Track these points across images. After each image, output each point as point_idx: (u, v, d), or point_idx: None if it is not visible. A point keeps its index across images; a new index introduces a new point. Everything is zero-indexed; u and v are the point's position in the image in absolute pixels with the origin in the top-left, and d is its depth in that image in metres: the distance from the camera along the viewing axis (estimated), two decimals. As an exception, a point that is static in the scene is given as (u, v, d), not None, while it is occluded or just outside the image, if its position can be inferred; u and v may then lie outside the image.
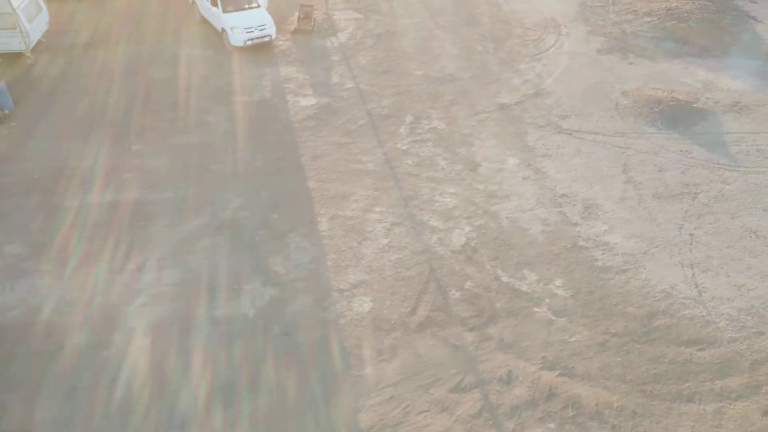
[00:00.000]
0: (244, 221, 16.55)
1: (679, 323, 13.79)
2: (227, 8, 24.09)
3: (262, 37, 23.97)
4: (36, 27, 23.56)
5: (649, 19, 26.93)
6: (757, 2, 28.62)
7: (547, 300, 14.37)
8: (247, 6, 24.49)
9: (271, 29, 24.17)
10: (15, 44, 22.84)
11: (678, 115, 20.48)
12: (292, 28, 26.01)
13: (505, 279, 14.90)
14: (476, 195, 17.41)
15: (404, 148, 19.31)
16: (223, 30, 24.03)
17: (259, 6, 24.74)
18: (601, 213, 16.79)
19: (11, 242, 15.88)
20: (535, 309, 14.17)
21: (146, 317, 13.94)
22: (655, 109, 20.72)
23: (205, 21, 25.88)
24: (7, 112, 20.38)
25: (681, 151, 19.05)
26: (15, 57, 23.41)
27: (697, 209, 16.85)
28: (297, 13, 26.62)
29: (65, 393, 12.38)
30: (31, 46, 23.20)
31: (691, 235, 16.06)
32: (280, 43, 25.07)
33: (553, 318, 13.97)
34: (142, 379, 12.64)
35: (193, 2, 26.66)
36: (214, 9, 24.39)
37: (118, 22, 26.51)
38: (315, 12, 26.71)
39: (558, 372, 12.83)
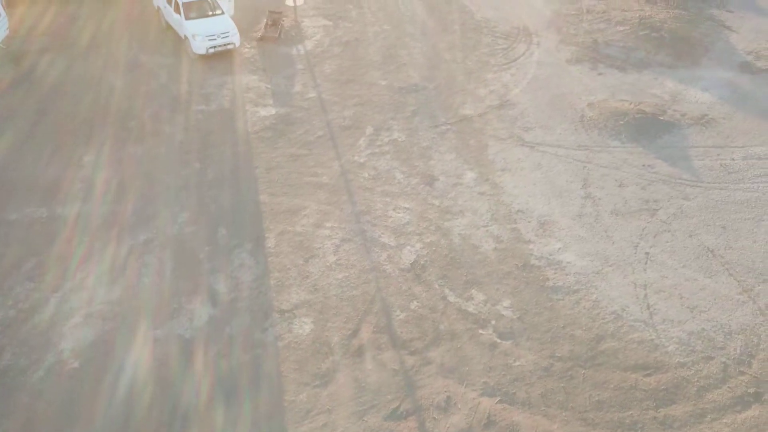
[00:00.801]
0: (190, 236, 16.10)
1: (626, 347, 13.39)
2: (189, 15, 23.60)
3: (225, 45, 23.50)
4: (-6, 33, 23.13)
5: (621, 28, 26.58)
6: (733, 12, 28.30)
7: (493, 322, 13.96)
8: (210, 13, 24.00)
9: (234, 37, 23.70)
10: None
11: (643, 128, 20.11)
12: (259, 35, 25.57)
13: (452, 299, 14.48)
14: (430, 210, 16.99)
15: (362, 160, 18.88)
16: (186, 37, 23.57)
17: (222, 13, 24.26)
18: (557, 230, 16.39)
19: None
20: (480, 331, 13.75)
21: (79, 338, 13.48)
22: (620, 122, 20.33)
23: (170, 28, 25.40)
24: None
25: (643, 165, 18.68)
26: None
27: (655, 227, 16.46)
28: (265, 20, 26.19)
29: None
30: (-12, 52, 22.78)
31: (647, 253, 15.68)
32: (245, 50, 24.63)
33: (498, 341, 13.55)
34: (71, 401, 12.18)
35: (159, 9, 26.18)
36: (177, 16, 23.93)
37: (83, 28, 26.01)
38: (283, 19, 26.28)
39: (498, 398, 12.42)
